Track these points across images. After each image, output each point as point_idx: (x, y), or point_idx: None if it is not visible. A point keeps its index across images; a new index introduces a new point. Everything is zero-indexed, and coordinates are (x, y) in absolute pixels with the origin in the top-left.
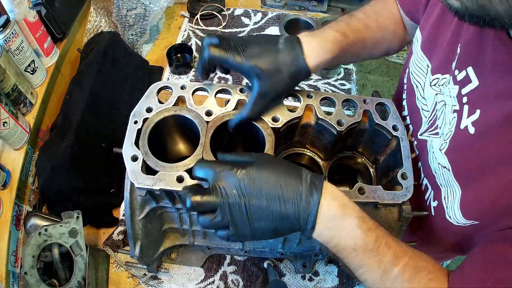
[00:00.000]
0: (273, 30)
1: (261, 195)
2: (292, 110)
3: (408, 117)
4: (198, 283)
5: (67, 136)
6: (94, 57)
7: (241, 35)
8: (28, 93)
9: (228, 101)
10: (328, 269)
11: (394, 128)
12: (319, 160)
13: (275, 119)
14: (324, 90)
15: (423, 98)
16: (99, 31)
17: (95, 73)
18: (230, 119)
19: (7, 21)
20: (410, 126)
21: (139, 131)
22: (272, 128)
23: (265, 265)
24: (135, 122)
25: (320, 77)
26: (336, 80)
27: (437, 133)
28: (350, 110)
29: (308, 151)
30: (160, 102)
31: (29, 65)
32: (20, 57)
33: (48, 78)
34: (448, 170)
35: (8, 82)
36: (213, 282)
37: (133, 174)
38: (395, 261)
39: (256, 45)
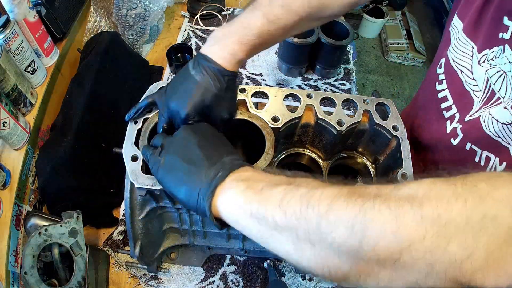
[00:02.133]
0: None
1: (183, 153)
2: (292, 110)
3: (453, 106)
4: (198, 283)
5: (67, 136)
6: (94, 57)
7: None
8: (28, 93)
9: None
10: None
11: (394, 128)
12: (319, 160)
13: (275, 119)
14: (324, 90)
15: (473, 79)
16: (99, 31)
17: (95, 73)
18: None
19: (7, 21)
20: (457, 114)
21: (139, 131)
22: (272, 128)
23: (265, 265)
24: (135, 122)
25: (320, 77)
26: (336, 80)
27: (500, 102)
28: (350, 110)
29: (308, 151)
30: None
31: (29, 65)
32: (20, 57)
33: (48, 78)
34: None
35: (8, 82)
36: (213, 282)
37: (133, 174)
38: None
39: (173, 89)
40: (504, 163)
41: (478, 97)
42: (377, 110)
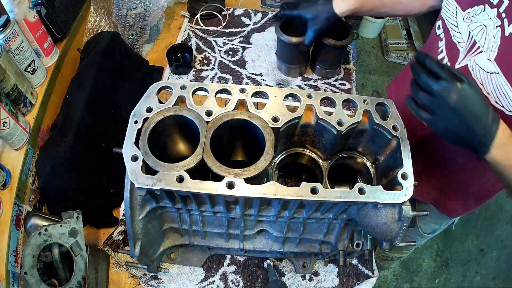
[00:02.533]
0: (273, 30)
1: (465, 110)
2: (292, 110)
3: (446, 57)
4: (198, 283)
5: (67, 136)
6: (94, 57)
7: (241, 35)
8: (28, 93)
9: (228, 101)
10: (328, 269)
11: (394, 128)
12: (319, 160)
13: (275, 119)
14: (324, 90)
15: (458, 33)
16: (99, 31)
17: (95, 73)
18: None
19: (7, 21)
20: (448, 62)
21: (139, 131)
22: (272, 128)
23: (265, 265)
24: (135, 122)
25: (320, 77)
26: (336, 80)
27: (480, 51)
28: (350, 110)
29: (308, 151)
30: (160, 102)
31: (29, 65)
32: (20, 57)
33: (48, 78)
34: (498, 73)
35: (8, 82)
36: (213, 282)
37: (133, 174)
38: None
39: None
40: None
41: (463, 47)
42: (377, 110)
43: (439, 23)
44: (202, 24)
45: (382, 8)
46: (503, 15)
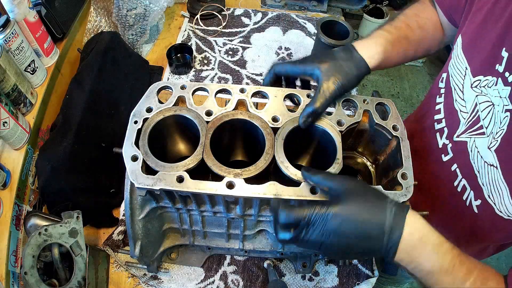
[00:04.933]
0: (273, 30)
1: (344, 235)
2: (292, 110)
3: (444, 120)
4: (198, 283)
5: (67, 136)
6: (94, 57)
7: (241, 35)
8: (28, 93)
9: (228, 101)
10: (328, 269)
11: (394, 128)
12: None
13: (275, 119)
14: None
15: (462, 100)
16: (99, 31)
17: (95, 73)
18: (301, 115)
19: (7, 21)
20: (445, 129)
21: (139, 131)
22: (272, 128)
23: (265, 265)
24: (135, 122)
25: None
26: None
27: (482, 133)
28: (350, 110)
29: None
30: (160, 102)
31: (29, 65)
32: (20, 57)
33: (48, 78)
34: (496, 167)
35: (8, 82)
36: (213, 282)
37: (133, 174)
38: (466, 276)
39: (313, 56)
40: (479, 200)
41: (465, 119)
42: (377, 110)
43: (444, 75)
44: (202, 24)
45: (409, 46)
46: None
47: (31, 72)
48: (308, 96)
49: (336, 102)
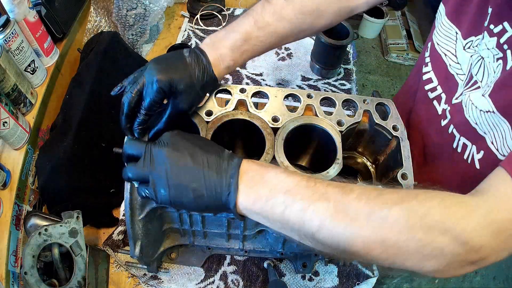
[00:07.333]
0: None
1: (186, 159)
2: (292, 110)
3: (439, 86)
4: (198, 283)
5: (67, 136)
6: (94, 57)
7: None
8: (28, 93)
9: (228, 101)
10: (328, 269)
11: (394, 128)
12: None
13: (275, 119)
14: (324, 90)
15: (457, 63)
16: (99, 31)
17: (95, 73)
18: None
19: (7, 21)
20: (443, 94)
21: None
22: (272, 128)
23: (265, 265)
24: None
25: (320, 77)
26: (336, 80)
27: (477, 87)
28: (350, 110)
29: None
30: None
31: (29, 65)
32: (20, 57)
33: (48, 78)
34: (493, 112)
35: (8, 82)
36: (213, 282)
37: None
38: (345, 191)
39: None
40: (482, 152)
41: (462, 80)
42: (377, 110)
43: (429, 44)
44: (202, 24)
45: (277, 41)
46: (505, 46)
47: (31, 72)
48: (308, 96)
49: (336, 102)
